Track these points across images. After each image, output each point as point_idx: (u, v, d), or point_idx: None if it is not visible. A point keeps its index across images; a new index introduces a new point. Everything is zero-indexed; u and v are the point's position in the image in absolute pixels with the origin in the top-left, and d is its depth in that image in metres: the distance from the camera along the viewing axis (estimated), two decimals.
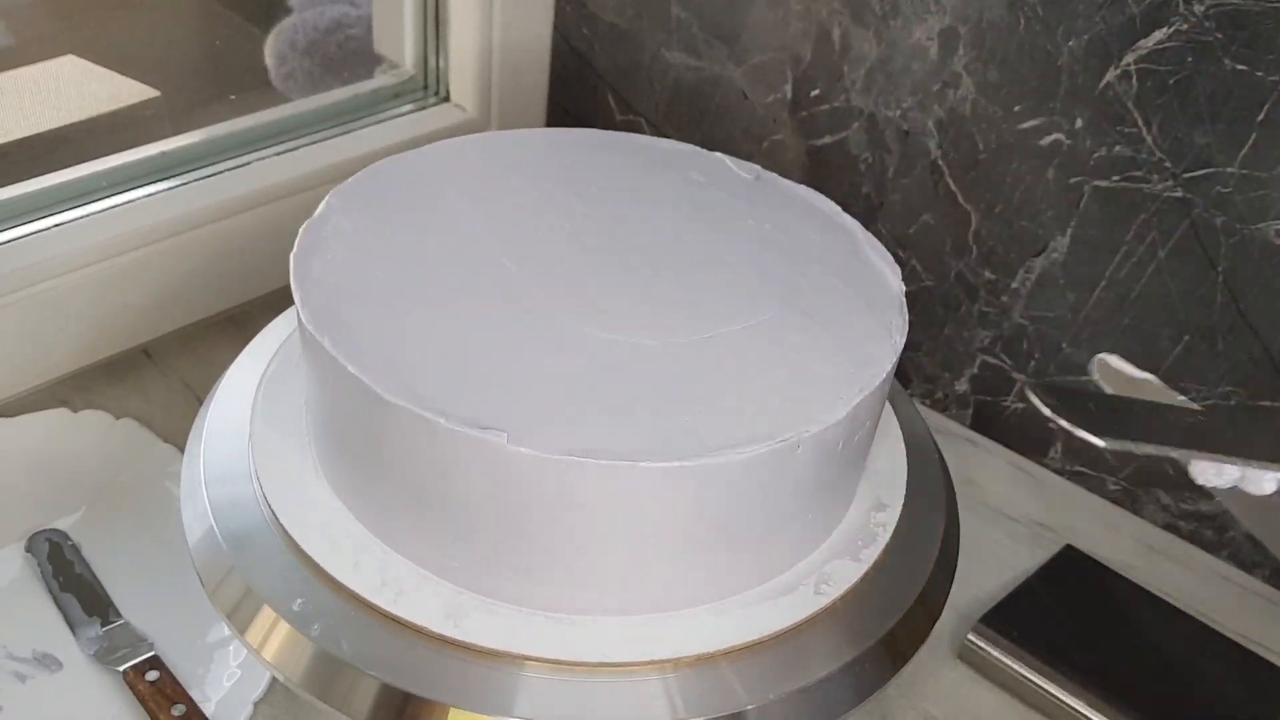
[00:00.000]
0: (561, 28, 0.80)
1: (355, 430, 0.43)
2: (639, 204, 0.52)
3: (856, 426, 0.44)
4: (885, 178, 0.66)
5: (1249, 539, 0.60)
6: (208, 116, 0.72)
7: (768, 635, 0.43)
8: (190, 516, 0.47)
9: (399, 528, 0.43)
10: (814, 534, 0.46)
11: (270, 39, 0.81)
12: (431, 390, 0.40)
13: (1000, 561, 0.59)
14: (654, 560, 0.42)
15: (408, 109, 0.78)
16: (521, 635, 0.42)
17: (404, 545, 0.44)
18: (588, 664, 0.41)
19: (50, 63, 0.71)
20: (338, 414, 0.44)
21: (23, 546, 0.55)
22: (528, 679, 0.41)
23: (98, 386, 0.64)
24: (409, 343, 0.42)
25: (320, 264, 0.45)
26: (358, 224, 0.48)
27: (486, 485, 0.40)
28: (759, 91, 0.70)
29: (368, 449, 0.43)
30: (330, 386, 0.43)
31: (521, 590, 0.42)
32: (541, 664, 0.41)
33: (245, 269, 0.70)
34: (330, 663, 0.41)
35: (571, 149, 0.56)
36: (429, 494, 0.41)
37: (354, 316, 0.43)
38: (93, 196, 0.65)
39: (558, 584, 0.42)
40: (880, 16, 0.63)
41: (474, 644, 0.41)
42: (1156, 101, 0.55)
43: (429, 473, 0.40)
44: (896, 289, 0.48)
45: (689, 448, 0.39)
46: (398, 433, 0.40)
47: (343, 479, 0.45)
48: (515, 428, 0.38)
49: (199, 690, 0.48)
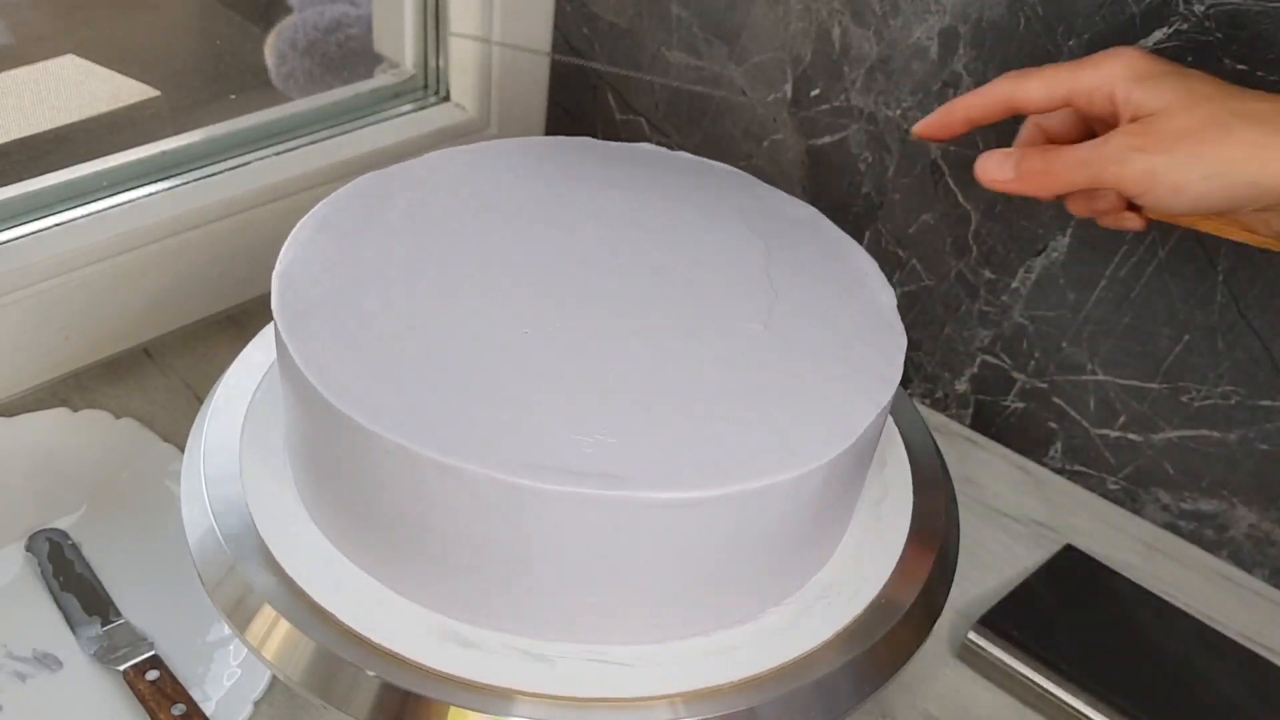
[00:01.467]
0: (562, 27, 0.80)
1: (335, 461, 0.42)
2: (631, 218, 0.51)
3: (867, 447, 0.44)
4: (885, 177, 0.66)
5: (1249, 539, 0.60)
6: (208, 116, 0.72)
7: (776, 667, 0.43)
8: (190, 516, 0.47)
9: (384, 558, 0.43)
10: (820, 553, 0.46)
11: (270, 38, 0.81)
12: (415, 420, 0.39)
13: (1000, 561, 0.59)
14: (652, 591, 0.41)
15: (408, 109, 0.78)
16: (513, 668, 0.41)
17: (391, 577, 0.43)
18: (580, 699, 0.41)
19: (50, 62, 0.71)
20: (315, 442, 0.43)
21: (23, 546, 0.55)
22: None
23: (98, 386, 0.64)
24: (393, 370, 0.41)
25: (300, 286, 0.44)
26: (340, 243, 0.47)
27: (478, 517, 0.39)
28: (759, 91, 0.70)
29: (347, 479, 0.42)
30: (311, 419, 0.42)
31: (514, 619, 0.42)
32: (533, 698, 0.41)
33: (245, 268, 0.70)
34: (331, 661, 0.41)
35: (557, 159, 0.55)
36: (411, 524, 0.41)
37: (334, 340, 0.42)
38: (93, 196, 0.65)
39: (554, 613, 0.42)
40: (880, 16, 0.63)
41: (469, 680, 0.41)
42: None
43: (412, 503, 0.40)
44: (889, 310, 0.48)
45: (699, 478, 0.38)
46: (379, 461, 0.39)
47: (321, 509, 0.45)
48: (506, 457, 0.38)
49: (199, 689, 0.48)
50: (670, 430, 0.40)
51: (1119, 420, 0.62)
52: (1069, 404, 0.64)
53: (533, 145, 0.56)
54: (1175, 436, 0.60)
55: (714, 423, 0.41)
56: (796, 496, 0.40)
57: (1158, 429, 0.61)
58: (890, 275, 0.68)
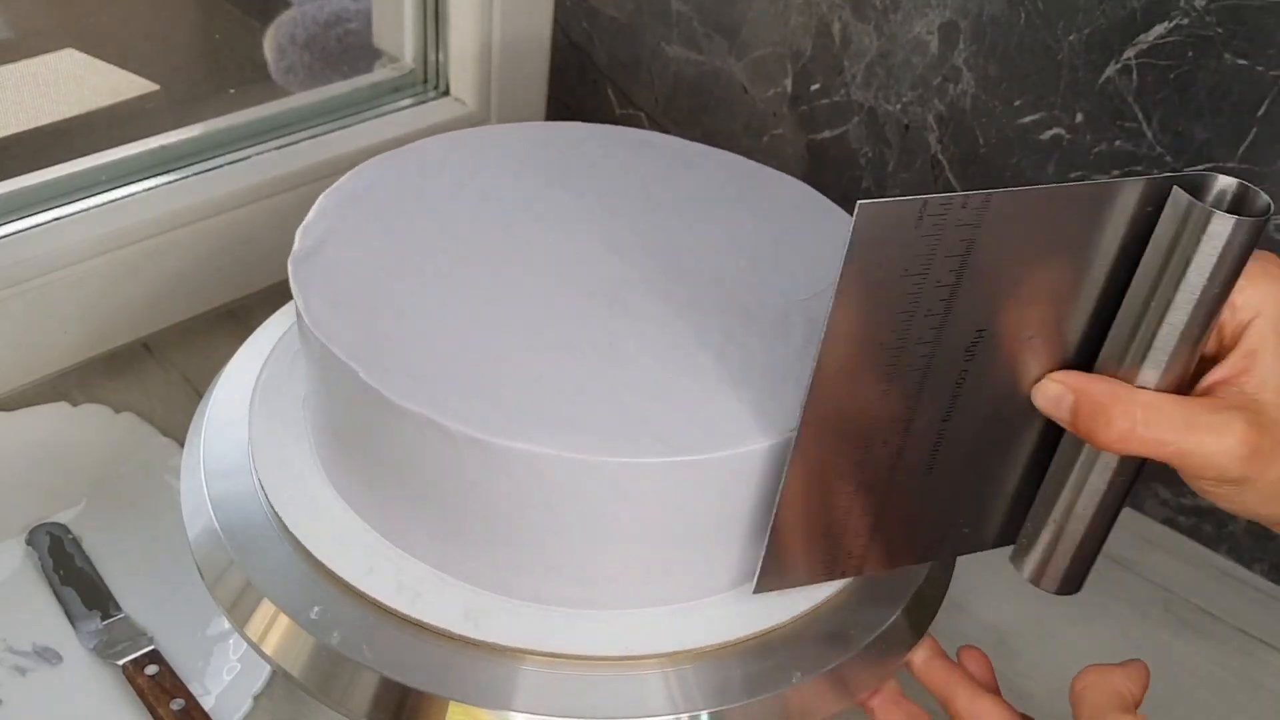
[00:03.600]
0: (561, 21, 0.80)
1: (358, 431, 0.43)
2: (634, 199, 0.52)
3: None
4: (885, 172, 0.66)
5: (1248, 534, 0.60)
6: (207, 110, 0.72)
7: (772, 626, 0.43)
8: (190, 510, 0.47)
9: (407, 528, 0.43)
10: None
11: (270, 33, 0.81)
12: (441, 393, 0.39)
13: (999, 557, 0.59)
14: (657, 555, 0.42)
15: (407, 103, 0.78)
16: (525, 630, 0.42)
17: (413, 545, 0.43)
18: (588, 657, 0.41)
19: (50, 56, 0.71)
20: (340, 415, 0.44)
21: (23, 540, 0.55)
22: (526, 673, 0.41)
23: (98, 380, 0.64)
24: (415, 346, 0.42)
25: (320, 267, 0.45)
26: (353, 224, 0.48)
27: (500, 488, 0.39)
28: (759, 85, 0.70)
29: (369, 449, 0.42)
30: (334, 389, 0.43)
31: (526, 585, 0.42)
32: (541, 658, 0.41)
33: (245, 263, 0.70)
34: (331, 656, 0.41)
35: (565, 142, 0.56)
36: (440, 497, 0.41)
37: (359, 321, 0.43)
38: (92, 190, 0.65)
39: (566, 579, 0.42)
40: (880, 10, 0.63)
41: (483, 641, 0.41)
42: (1157, 96, 0.54)
43: (439, 478, 0.40)
44: None
45: (695, 442, 0.39)
46: (404, 435, 0.40)
47: (344, 478, 0.45)
48: (521, 427, 0.38)
49: (199, 684, 0.49)
50: (671, 398, 0.41)
51: None
52: None
53: (543, 129, 0.57)
54: None
55: (713, 393, 0.41)
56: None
57: None
58: None
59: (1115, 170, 0.57)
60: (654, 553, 0.42)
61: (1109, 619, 0.57)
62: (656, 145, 0.56)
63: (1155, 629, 0.57)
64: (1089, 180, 0.58)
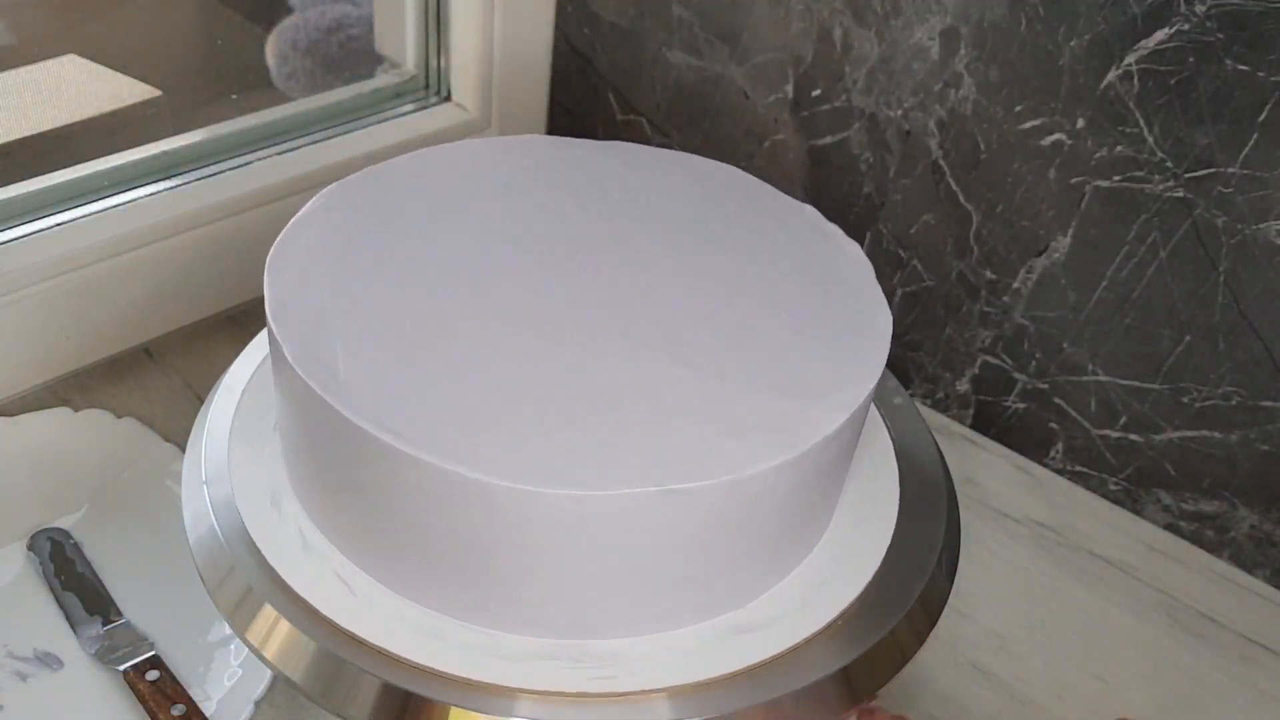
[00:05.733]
0: (563, 27, 0.80)
1: (336, 469, 0.42)
2: (623, 215, 0.51)
3: (853, 434, 0.44)
4: (886, 178, 0.66)
5: (1250, 540, 0.60)
6: (209, 116, 0.72)
7: (767, 658, 0.43)
8: (191, 515, 0.47)
9: (380, 556, 0.43)
10: (805, 543, 0.46)
11: (272, 38, 0.81)
12: (414, 423, 0.39)
13: (1000, 561, 0.59)
14: (645, 584, 0.41)
15: (409, 109, 0.78)
16: (511, 666, 0.41)
17: (385, 574, 0.43)
18: (586, 695, 0.41)
19: (51, 62, 0.71)
20: (312, 451, 0.43)
21: (24, 545, 0.55)
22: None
23: (99, 385, 0.65)
24: (386, 372, 0.41)
25: (293, 283, 0.44)
26: (329, 242, 0.47)
27: (475, 520, 0.39)
28: (760, 91, 0.70)
29: (343, 480, 0.42)
30: (307, 420, 0.42)
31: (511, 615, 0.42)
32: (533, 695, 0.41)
33: (246, 268, 0.70)
34: (332, 661, 0.41)
35: (554, 157, 0.55)
36: (406, 524, 0.41)
37: (328, 343, 0.42)
38: (94, 196, 0.65)
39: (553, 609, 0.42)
40: (882, 16, 0.63)
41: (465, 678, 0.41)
42: (1158, 102, 0.55)
43: (405, 503, 0.40)
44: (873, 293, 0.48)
45: (686, 471, 0.39)
46: (378, 465, 0.39)
47: (315, 505, 0.45)
48: (500, 460, 0.38)
49: (200, 689, 0.48)
50: (659, 425, 0.40)
51: (1120, 421, 0.62)
52: (1070, 404, 0.64)
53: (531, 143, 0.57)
54: (1176, 437, 0.60)
55: (705, 414, 0.41)
56: (793, 477, 0.41)
57: (1159, 430, 0.61)
58: (891, 276, 0.68)
59: (1116, 175, 0.57)
60: (629, 585, 0.41)
61: (1111, 625, 0.57)
62: (649, 163, 0.56)
63: (1158, 634, 0.57)
64: (1090, 183, 0.58)
